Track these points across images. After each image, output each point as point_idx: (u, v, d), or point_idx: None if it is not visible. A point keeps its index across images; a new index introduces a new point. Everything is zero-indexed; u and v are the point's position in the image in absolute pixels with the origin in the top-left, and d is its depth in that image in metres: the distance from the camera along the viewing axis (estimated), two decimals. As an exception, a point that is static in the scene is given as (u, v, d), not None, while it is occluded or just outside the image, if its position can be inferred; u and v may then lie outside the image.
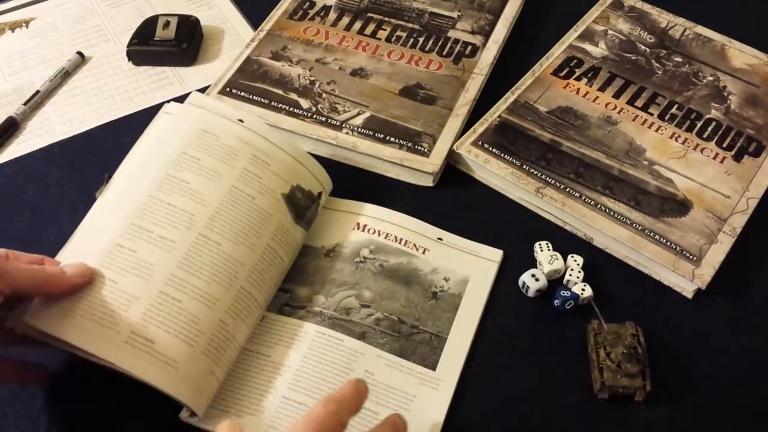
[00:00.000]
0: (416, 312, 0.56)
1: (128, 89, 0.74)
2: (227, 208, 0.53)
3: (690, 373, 0.55)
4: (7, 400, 0.52)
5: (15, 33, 0.79)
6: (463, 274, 0.58)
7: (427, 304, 0.56)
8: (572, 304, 0.57)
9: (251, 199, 0.54)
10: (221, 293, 0.51)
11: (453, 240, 0.60)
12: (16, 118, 0.70)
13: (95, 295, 0.48)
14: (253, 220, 0.54)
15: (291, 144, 0.59)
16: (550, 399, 0.53)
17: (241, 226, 0.53)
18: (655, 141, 0.67)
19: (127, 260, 0.50)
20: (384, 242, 0.59)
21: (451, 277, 0.58)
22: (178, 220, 0.52)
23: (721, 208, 0.62)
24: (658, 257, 0.58)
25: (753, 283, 0.60)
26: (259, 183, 0.55)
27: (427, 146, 0.66)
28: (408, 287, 0.57)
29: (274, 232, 0.55)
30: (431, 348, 0.54)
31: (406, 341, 0.54)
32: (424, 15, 0.78)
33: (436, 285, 0.57)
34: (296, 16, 0.77)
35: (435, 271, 0.58)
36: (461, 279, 0.58)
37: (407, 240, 0.60)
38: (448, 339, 0.55)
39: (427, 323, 0.55)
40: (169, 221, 0.52)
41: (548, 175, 0.64)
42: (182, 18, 0.77)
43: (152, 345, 0.47)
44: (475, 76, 0.72)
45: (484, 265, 0.59)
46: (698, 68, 0.73)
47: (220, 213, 0.53)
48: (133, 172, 0.55)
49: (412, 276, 0.58)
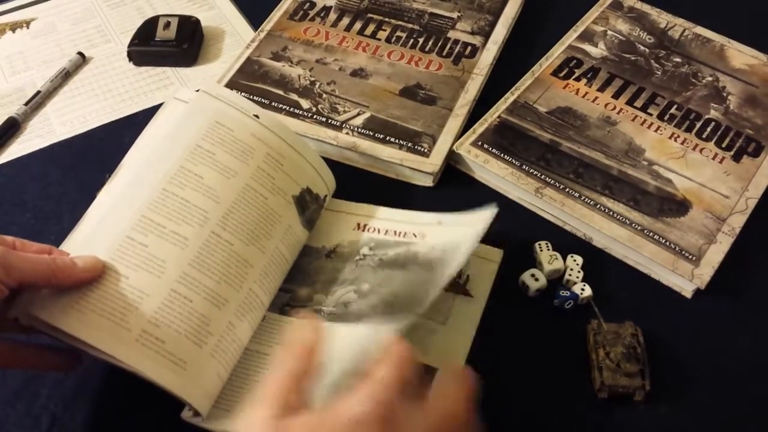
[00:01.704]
0: (413, 289, 0.54)
1: (129, 89, 0.74)
2: (240, 208, 0.53)
3: (689, 372, 0.55)
4: (9, 400, 0.52)
5: (16, 33, 0.80)
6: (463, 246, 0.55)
7: (425, 274, 0.55)
8: (572, 303, 0.57)
9: (264, 199, 0.54)
10: (231, 294, 0.50)
11: (454, 219, 0.58)
12: (17, 119, 0.70)
13: (106, 289, 0.47)
14: (264, 221, 0.54)
15: (303, 144, 0.58)
16: (550, 399, 0.53)
17: (253, 227, 0.53)
18: (654, 141, 0.67)
19: (139, 255, 0.49)
20: (383, 238, 0.59)
21: (447, 249, 0.56)
22: (192, 216, 0.51)
23: (720, 208, 0.62)
24: (658, 257, 0.59)
25: (752, 283, 0.60)
26: (272, 183, 0.55)
27: (427, 146, 0.66)
28: (405, 269, 0.56)
29: (283, 235, 0.55)
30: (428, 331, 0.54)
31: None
32: (423, 15, 0.78)
33: (433, 260, 0.56)
34: (296, 17, 0.77)
35: (434, 248, 0.56)
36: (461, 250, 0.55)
37: (406, 231, 0.59)
38: (444, 331, 0.54)
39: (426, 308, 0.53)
40: (182, 217, 0.51)
41: (548, 176, 0.64)
42: (183, 18, 0.77)
43: (163, 345, 0.46)
44: (475, 77, 0.72)
45: (485, 265, 0.59)
46: (697, 68, 0.73)
47: (234, 212, 0.52)
48: (144, 161, 0.53)
49: (410, 260, 0.57)
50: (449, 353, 0.54)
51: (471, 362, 0.54)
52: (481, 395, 0.53)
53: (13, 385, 0.53)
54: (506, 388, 0.54)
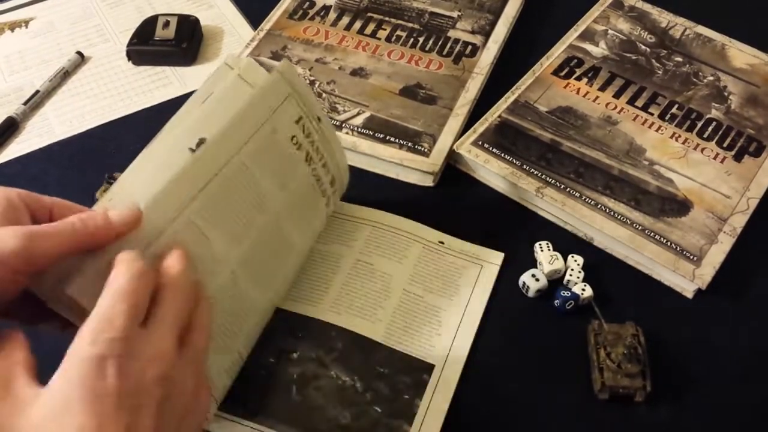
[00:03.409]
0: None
1: (128, 89, 0.74)
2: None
3: (690, 373, 0.54)
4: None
5: (14, 33, 0.79)
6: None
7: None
8: (572, 304, 0.57)
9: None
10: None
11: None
12: (16, 118, 0.70)
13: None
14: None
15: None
16: (551, 399, 0.53)
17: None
18: (655, 141, 0.67)
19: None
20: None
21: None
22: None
23: (722, 208, 0.62)
24: (659, 257, 0.58)
25: (753, 283, 0.60)
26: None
27: (427, 146, 0.65)
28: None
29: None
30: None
31: None
32: (424, 15, 0.78)
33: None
34: (296, 16, 0.77)
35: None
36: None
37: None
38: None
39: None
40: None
41: (548, 175, 0.64)
42: (182, 18, 0.77)
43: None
44: (476, 76, 0.72)
45: (486, 269, 0.59)
46: (698, 68, 0.73)
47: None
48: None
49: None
50: (450, 355, 0.54)
51: (472, 363, 0.54)
52: (481, 396, 0.53)
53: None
54: (507, 388, 0.53)
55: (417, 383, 0.52)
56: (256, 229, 0.49)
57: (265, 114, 0.48)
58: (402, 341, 0.54)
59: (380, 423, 0.50)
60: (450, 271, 0.59)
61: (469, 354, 0.54)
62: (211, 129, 0.45)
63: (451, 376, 0.53)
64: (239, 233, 0.47)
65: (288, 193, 0.52)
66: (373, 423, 0.50)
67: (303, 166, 0.53)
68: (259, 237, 0.49)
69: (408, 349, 0.54)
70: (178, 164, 0.43)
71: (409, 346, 0.54)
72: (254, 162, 0.47)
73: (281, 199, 0.51)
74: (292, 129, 0.50)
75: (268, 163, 0.49)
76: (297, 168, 0.52)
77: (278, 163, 0.50)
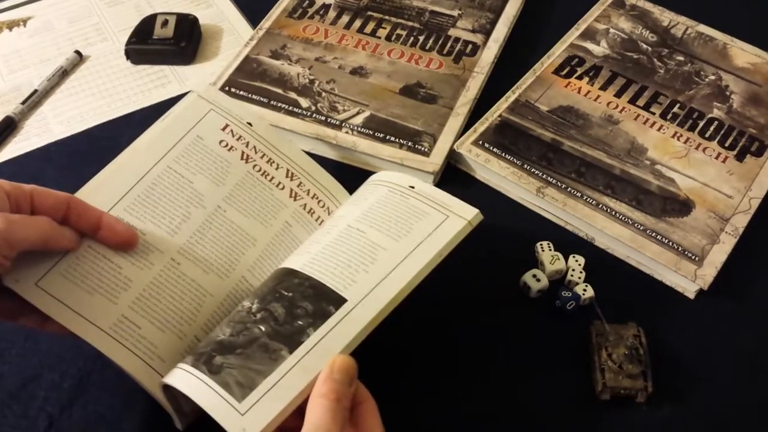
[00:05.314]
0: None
1: (126, 88, 0.74)
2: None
3: (692, 374, 0.54)
4: (5, 402, 0.52)
5: (12, 32, 0.79)
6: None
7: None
8: (574, 304, 0.56)
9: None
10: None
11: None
12: (14, 118, 0.70)
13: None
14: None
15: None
16: (552, 400, 0.53)
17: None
18: (656, 140, 0.66)
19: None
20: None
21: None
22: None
23: (723, 207, 0.62)
24: (660, 257, 0.58)
25: (755, 284, 0.60)
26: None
27: (428, 145, 0.65)
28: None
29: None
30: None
31: None
32: (424, 13, 0.77)
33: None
34: (295, 15, 0.77)
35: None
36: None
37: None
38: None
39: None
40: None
41: (549, 175, 0.63)
42: (181, 16, 0.76)
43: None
44: (476, 75, 0.71)
45: (451, 220, 0.51)
46: (700, 67, 0.73)
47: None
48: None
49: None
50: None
51: (472, 362, 0.54)
52: (482, 396, 0.53)
53: (9, 386, 0.53)
54: (507, 388, 0.53)
55: (318, 312, 0.46)
56: (194, 222, 0.53)
57: (186, 127, 0.57)
58: (322, 270, 0.49)
59: (257, 341, 0.45)
60: (408, 213, 0.52)
61: (469, 353, 0.54)
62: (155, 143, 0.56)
63: (362, 315, 0.46)
64: (175, 226, 0.52)
65: (227, 187, 0.55)
66: (250, 340, 0.45)
67: (239, 164, 0.56)
68: (202, 229, 0.53)
69: (324, 278, 0.48)
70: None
71: (325, 275, 0.48)
72: (181, 165, 0.55)
73: (220, 193, 0.55)
74: (219, 135, 0.57)
75: (196, 164, 0.55)
76: (232, 166, 0.56)
77: (210, 163, 0.56)
